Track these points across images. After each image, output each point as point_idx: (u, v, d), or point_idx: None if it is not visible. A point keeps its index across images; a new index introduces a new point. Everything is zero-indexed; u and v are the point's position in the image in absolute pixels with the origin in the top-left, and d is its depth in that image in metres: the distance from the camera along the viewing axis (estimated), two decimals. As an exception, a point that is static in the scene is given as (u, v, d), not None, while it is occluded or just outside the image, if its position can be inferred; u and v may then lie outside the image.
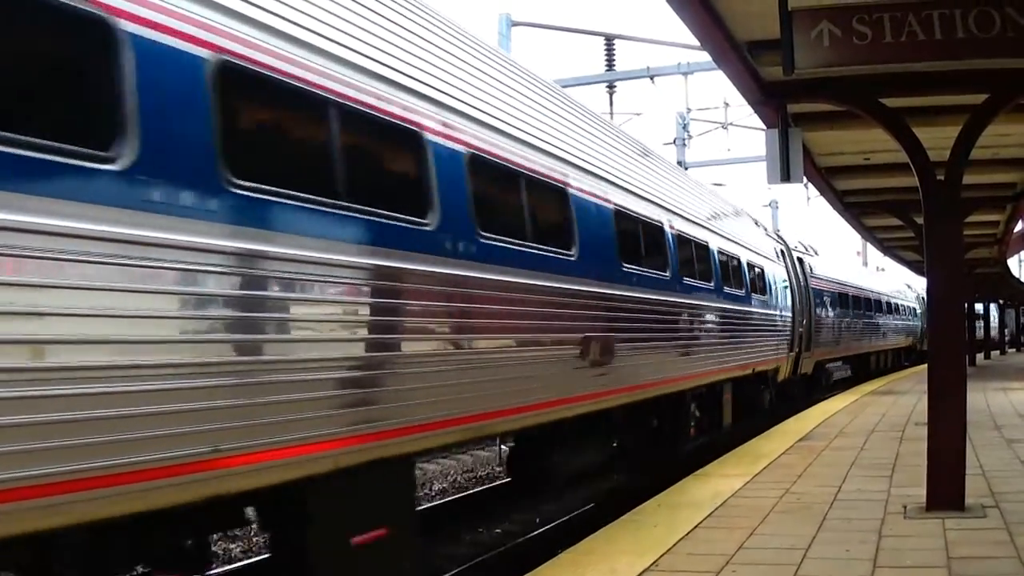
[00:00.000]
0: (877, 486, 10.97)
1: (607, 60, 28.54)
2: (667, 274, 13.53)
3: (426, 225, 7.55)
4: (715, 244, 16.73)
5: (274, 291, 5.93)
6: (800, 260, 26.73)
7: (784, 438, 16.23)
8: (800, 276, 25.93)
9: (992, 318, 69.16)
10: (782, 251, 24.62)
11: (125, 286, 4.83)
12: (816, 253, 30.97)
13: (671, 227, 14.00)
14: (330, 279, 6.47)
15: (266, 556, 9.43)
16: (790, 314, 23.35)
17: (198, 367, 5.27)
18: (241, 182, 5.63)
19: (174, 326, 5.21)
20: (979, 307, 57.66)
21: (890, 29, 8.21)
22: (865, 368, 37.19)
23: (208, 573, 7.37)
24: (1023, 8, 8.08)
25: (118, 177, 4.86)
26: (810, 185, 25.98)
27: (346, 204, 6.58)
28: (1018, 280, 50.71)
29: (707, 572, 7.48)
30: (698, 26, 9.83)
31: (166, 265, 5.07)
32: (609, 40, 28.36)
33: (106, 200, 4.77)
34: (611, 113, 30.07)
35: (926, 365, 10.14)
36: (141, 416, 4.89)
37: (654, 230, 13.34)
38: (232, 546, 12.25)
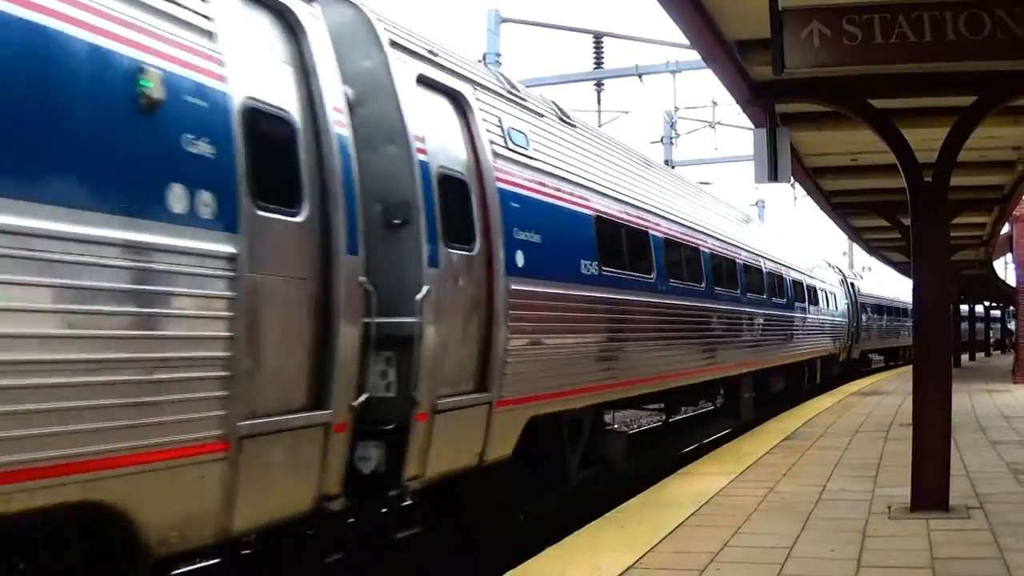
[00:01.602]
0: (861, 486, 10.99)
1: (595, 58, 28.46)
2: (784, 300, 23.64)
3: (650, 278, 13.34)
4: (810, 282, 27.81)
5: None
6: (852, 284, 38.91)
7: (768, 437, 16.24)
8: (852, 294, 38.06)
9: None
10: (841, 280, 35.71)
11: None
12: (862, 277, 47.23)
13: (789, 276, 24.61)
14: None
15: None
16: (846, 319, 35.04)
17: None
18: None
19: None
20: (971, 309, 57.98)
21: (880, 30, 8.21)
22: (895, 357, 53.46)
23: None
24: (1013, 10, 8.10)
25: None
26: (797, 185, 26.09)
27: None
28: (1004, 282, 50.77)
29: (691, 570, 7.48)
30: (688, 25, 9.84)
31: None
32: (597, 38, 28.28)
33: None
34: (598, 111, 30.04)
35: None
36: None
37: (780, 279, 23.32)
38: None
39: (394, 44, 8.35)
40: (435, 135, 8.56)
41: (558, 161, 10.96)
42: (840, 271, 38.38)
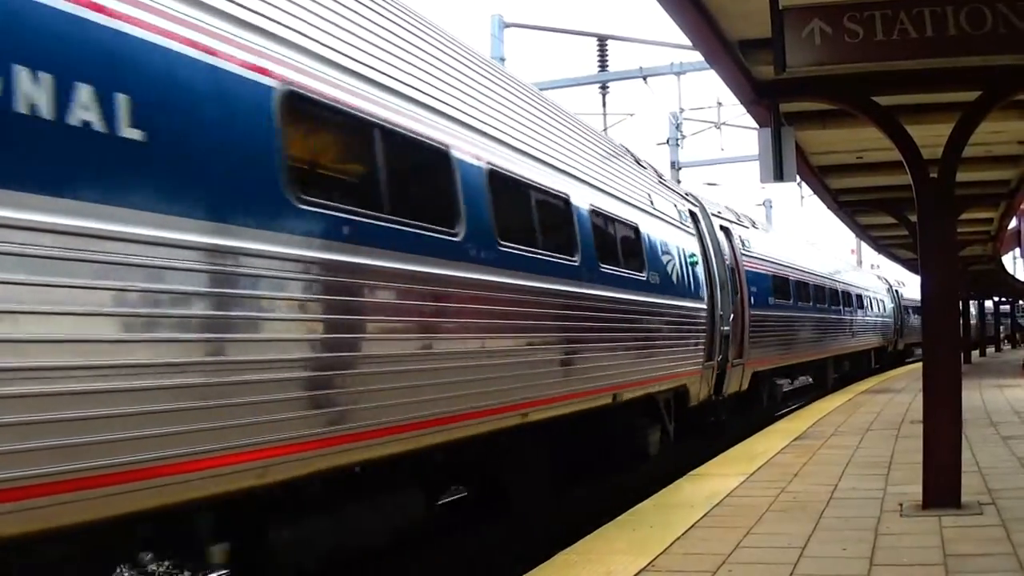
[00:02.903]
0: (873, 484, 10.96)
1: (600, 61, 28.55)
2: (854, 308, 34.25)
3: (810, 304, 24.79)
4: (869, 295, 38.13)
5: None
6: (896, 291, 36.04)
7: (779, 437, 16.22)
8: (896, 298, 36.26)
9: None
10: (888, 288, 32.98)
11: None
12: (904, 284, 49.41)
13: (859, 294, 34.19)
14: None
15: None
16: (892, 319, 40.67)
17: None
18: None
19: None
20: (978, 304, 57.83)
21: (881, 27, 8.20)
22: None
23: None
24: (1015, 4, 8.08)
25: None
26: (804, 184, 26.06)
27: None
28: (1013, 277, 50.71)
29: (703, 572, 7.46)
30: (690, 26, 9.83)
31: None
32: (602, 41, 28.36)
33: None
34: (604, 114, 30.07)
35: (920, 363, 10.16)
36: None
37: (858, 296, 32.54)
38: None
39: (713, 215, 18.94)
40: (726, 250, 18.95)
41: (764, 251, 22.23)
42: (887, 280, 46.88)
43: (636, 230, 13.34)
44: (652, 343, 13.64)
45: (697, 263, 16.18)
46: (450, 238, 8.17)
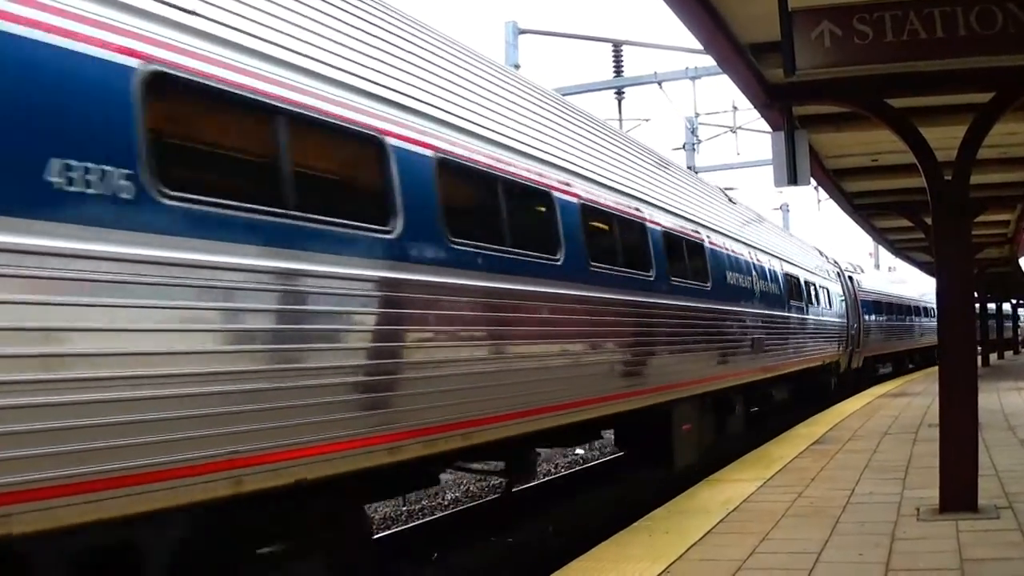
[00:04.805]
0: (890, 489, 10.92)
1: (615, 66, 28.49)
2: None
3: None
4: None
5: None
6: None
7: (797, 442, 16.17)
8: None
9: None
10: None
11: None
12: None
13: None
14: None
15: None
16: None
17: None
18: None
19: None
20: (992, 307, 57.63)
21: (891, 28, 8.17)
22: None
23: None
24: (1024, 4, 8.05)
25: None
26: (820, 188, 25.99)
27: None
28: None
29: (719, 578, 7.44)
30: (701, 30, 9.81)
31: None
32: (616, 46, 28.30)
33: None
34: (620, 120, 30.01)
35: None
36: None
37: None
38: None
39: (845, 271, 31.64)
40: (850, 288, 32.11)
41: (868, 286, 36.37)
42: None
43: (816, 286, 25.59)
44: (826, 339, 26.34)
45: (840, 297, 29.69)
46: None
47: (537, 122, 10.52)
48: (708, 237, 15.62)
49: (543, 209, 10.03)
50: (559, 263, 9.93)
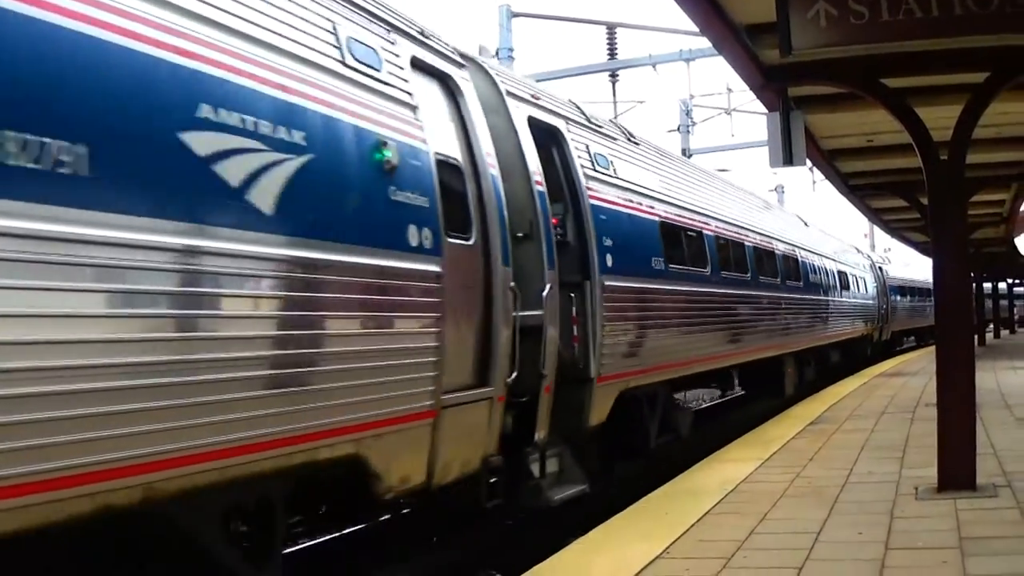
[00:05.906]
0: (888, 468, 10.95)
1: (609, 49, 28.44)
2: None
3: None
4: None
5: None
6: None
7: (794, 422, 16.19)
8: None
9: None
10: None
11: None
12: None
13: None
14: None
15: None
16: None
17: None
18: None
19: None
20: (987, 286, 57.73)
21: (887, 7, 8.16)
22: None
23: None
24: (1021, -17, 8.04)
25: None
26: (815, 169, 25.98)
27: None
28: (1026, 258, 50.47)
29: (719, 558, 7.46)
30: (697, 12, 9.78)
31: None
32: (610, 28, 28.25)
33: None
34: (614, 102, 30.00)
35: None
36: None
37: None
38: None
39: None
40: (880, 276, 39.36)
41: (894, 274, 44.60)
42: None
43: (856, 277, 32.48)
44: (864, 318, 33.80)
45: (873, 284, 36.61)
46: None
47: (699, 190, 16.54)
48: (799, 253, 23.73)
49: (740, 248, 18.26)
50: (747, 278, 18.16)
